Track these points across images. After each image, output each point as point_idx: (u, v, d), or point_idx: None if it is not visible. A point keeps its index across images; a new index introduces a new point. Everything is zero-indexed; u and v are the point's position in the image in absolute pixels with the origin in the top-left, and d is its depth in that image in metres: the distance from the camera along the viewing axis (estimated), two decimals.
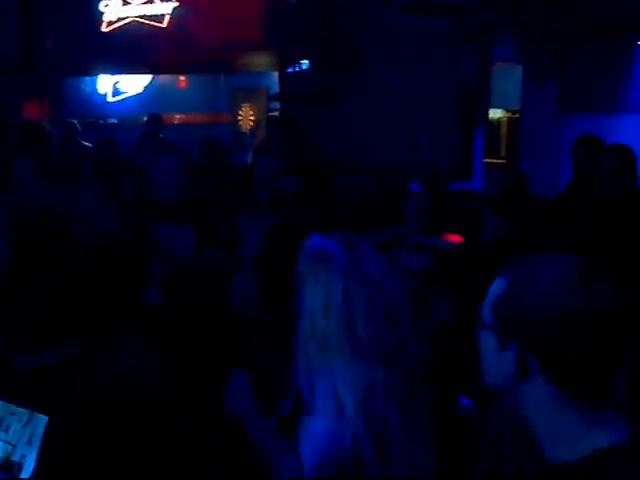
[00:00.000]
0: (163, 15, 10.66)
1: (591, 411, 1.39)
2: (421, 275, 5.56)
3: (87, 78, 12.02)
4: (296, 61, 9.08)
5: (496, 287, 1.44)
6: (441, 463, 2.08)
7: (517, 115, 9.02)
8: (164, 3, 10.68)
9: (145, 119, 9.08)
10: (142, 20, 10.75)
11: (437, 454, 2.10)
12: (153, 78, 12.01)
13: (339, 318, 2.11)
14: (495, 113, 9.44)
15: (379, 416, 2.05)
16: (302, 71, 9.07)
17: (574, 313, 1.33)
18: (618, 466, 1.34)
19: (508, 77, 8.62)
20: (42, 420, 1.56)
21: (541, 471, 1.47)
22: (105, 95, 12.23)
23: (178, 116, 11.66)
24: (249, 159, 7.17)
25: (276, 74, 9.94)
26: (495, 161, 8.55)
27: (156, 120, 8.79)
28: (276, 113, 10.03)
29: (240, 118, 11.26)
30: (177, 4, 10.60)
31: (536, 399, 1.40)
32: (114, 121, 11.68)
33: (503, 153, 9.43)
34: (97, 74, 11.82)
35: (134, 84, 12.18)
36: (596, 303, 1.34)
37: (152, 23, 10.68)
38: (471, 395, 2.42)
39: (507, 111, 9.57)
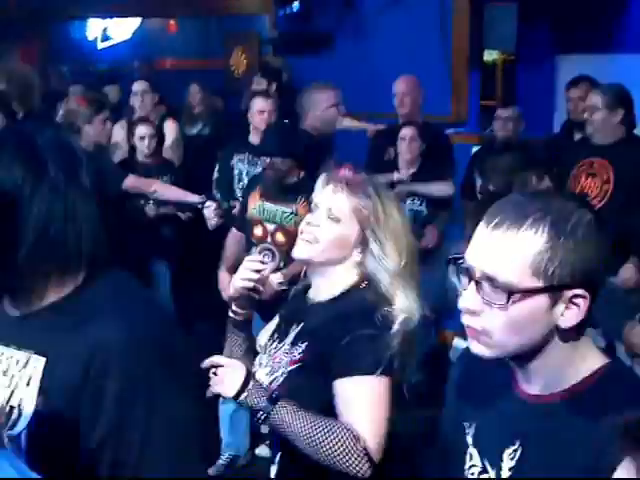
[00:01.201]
0: None
1: (587, 340, 1.56)
2: (413, 220, 5.54)
3: (76, 24, 11.81)
4: (287, 3, 8.91)
5: (530, 247, 1.45)
6: None
7: (512, 57, 8.91)
8: None
9: (135, 65, 8.94)
10: None
11: None
12: (142, 23, 11.79)
13: None
14: (490, 55, 9.31)
15: None
16: (293, 13, 8.90)
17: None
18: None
19: (503, 18, 8.47)
20: (40, 362, 1.55)
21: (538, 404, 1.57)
22: (95, 41, 12.03)
23: (170, 61, 11.48)
24: (243, 104, 7.07)
25: (268, 17, 9.77)
26: (491, 104, 8.46)
27: (147, 66, 8.67)
28: (269, 57, 9.88)
29: (232, 63, 11.08)
30: None
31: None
32: (104, 67, 11.50)
33: (499, 95, 9.32)
34: (84, 18, 11.61)
35: (123, 29, 11.96)
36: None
37: None
38: None
39: (502, 53, 9.43)
